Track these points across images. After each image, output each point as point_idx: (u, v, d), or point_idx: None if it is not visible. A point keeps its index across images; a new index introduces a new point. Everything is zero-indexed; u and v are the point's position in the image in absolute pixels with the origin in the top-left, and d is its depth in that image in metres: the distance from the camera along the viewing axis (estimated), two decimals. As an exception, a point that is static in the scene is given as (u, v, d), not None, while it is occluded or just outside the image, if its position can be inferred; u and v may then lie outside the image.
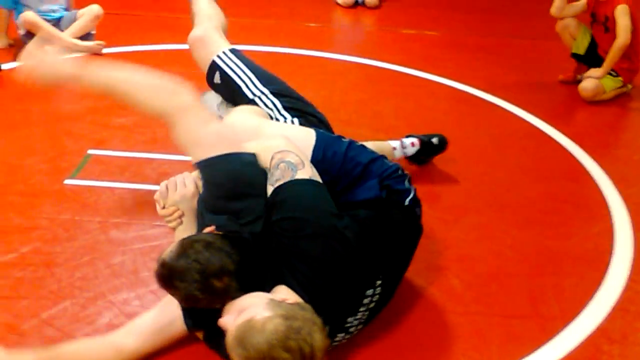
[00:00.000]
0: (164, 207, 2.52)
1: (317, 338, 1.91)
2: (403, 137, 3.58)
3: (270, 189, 2.29)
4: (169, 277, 2.10)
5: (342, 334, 2.30)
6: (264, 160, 2.38)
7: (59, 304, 2.63)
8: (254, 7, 6.24)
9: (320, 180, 2.35)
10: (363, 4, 6.80)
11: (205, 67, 3.17)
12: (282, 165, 2.30)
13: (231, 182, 2.34)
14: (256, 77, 3.02)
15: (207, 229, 2.23)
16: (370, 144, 3.31)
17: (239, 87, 3.01)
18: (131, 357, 2.29)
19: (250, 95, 2.97)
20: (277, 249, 2.21)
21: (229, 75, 3.05)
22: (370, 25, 6.55)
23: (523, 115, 4.47)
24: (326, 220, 2.23)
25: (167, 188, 2.52)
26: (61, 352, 2.25)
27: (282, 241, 2.21)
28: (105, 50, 5.22)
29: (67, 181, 3.45)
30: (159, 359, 2.36)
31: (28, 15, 5.05)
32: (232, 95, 3.06)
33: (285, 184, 2.26)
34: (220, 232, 2.19)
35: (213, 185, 2.37)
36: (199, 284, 2.05)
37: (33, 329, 2.51)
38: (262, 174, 2.37)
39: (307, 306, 2.01)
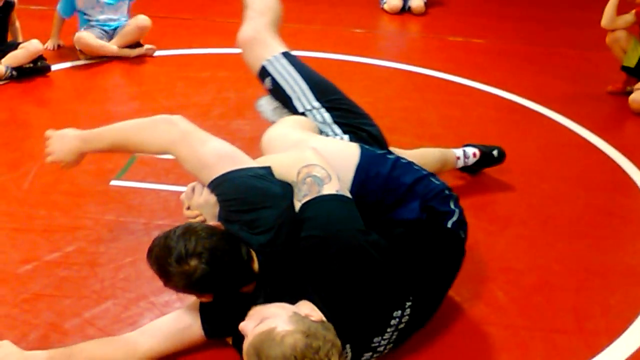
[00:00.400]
0: (188, 208, 2.54)
1: None
2: (463, 146, 3.55)
3: (297, 205, 2.28)
4: (150, 251, 2.21)
5: (370, 354, 2.27)
6: (290, 174, 2.36)
7: (102, 304, 2.65)
8: (300, 13, 6.24)
9: (348, 195, 2.32)
10: (409, 11, 6.77)
11: (255, 69, 3.04)
12: (308, 179, 2.28)
13: (241, 195, 2.35)
14: (308, 86, 2.89)
15: (213, 223, 2.28)
16: (436, 152, 3.30)
17: (290, 98, 2.90)
18: (143, 357, 2.29)
19: (301, 109, 2.86)
20: (302, 266, 2.20)
21: (279, 84, 2.93)
22: (416, 32, 6.51)
23: (571, 126, 4.39)
24: (352, 238, 2.20)
25: (193, 190, 2.52)
26: (74, 350, 2.26)
27: (307, 259, 2.19)
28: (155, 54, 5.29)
29: (113, 182, 3.48)
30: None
31: (83, 37, 5.12)
32: (284, 103, 2.97)
33: (311, 200, 2.24)
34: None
35: (225, 202, 2.39)
36: (171, 265, 2.12)
37: (75, 328, 2.53)
38: (276, 186, 2.37)
39: (330, 326, 2.00)
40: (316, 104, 2.86)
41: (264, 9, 3.11)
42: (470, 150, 3.52)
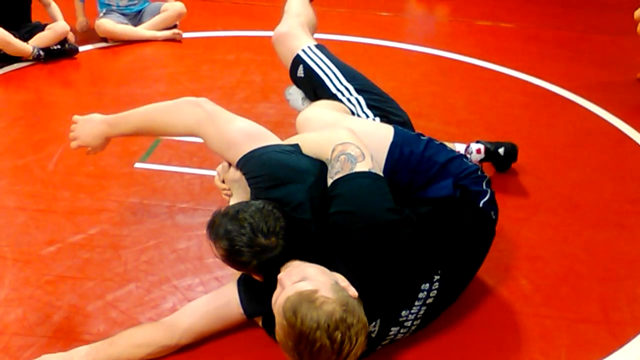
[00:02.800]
0: (223, 182, 2.58)
1: (361, 341, 1.92)
2: (472, 142, 3.49)
3: (329, 182, 2.28)
4: (219, 225, 2.16)
5: (397, 328, 2.26)
6: (325, 151, 2.37)
7: (124, 287, 2.66)
8: (327, -5, 6.21)
9: (381, 173, 2.32)
10: (437, -6, 6.70)
11: (288, 62, 3.12)
12: (342, 157, 2.28)
13: (267, 171, 2.36)
14: (341, 72, 2.97)
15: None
16: None
17: (323, 81, 2.96)
18: (183, 335, 2.30)
19: (334, 90, 2.92)
20: (331, 241, 2.20)
21: (312, 69, 3.00)
22: (443, 15, 6.44)
23: (600, 113, 4.33)
24: (381, 214, 2.19)
25: (230, 164, 2.54)
26: (114, 338, 2.28)
27: (336, 234, 2.19)
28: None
29: (137, 165, 3.48)
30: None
31: (103, 24, 5.12)
32: (315, 89, 3.02)
33: (343, 177, 2.25)
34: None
35: (252, 180, 2.39)
36: (245, 237, 2.10)
37: (98, 311, 2.54)
38: (302, 160, 2.39)
39: (361, 305, 2.00)
40: (349, 86, 2.91)
41: (299, 11, 3.30)
42: (475, 147, 3.45)
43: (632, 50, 5.33)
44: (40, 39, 4.74)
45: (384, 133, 2.56)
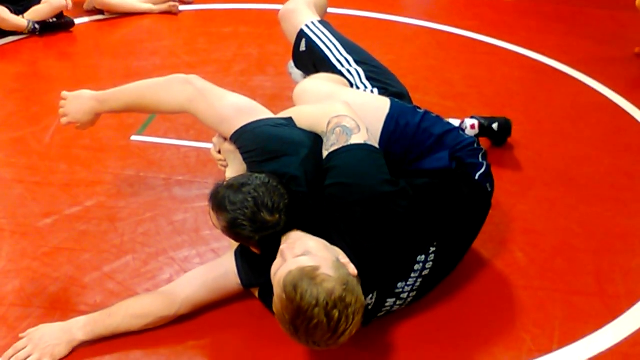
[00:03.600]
0: (219, 152, 2.59)
1: (357, 321, 1.93)
2: (467, 117, 3.48)
3: (325, 154, 2.29)
4: (223, 197, 2.15)
5: (393, 299, 2.27)
6: (320, 124, 2.37)
7: (121, 259, 2.67)
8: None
9: (377, 146, 2.33)
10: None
11: (292, 37, 3.13)
12: (337, 129, 2.28)
13: (260, 145, 2.36)
14: (342, 45, 2.97)
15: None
16: None
17: (323, 52, 2.97)
18: (181, 306, 2.31)
19: (334, 61, 2.92)
20: (326, 213, 2.21)
21: (315, 43, 3.01)
22: (442, -11, 6.41)
23: (597, 87, 4.32)
24: (377, 186, 2.19)
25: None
26: (113, 309, 2.29)
27: (332, 206, 2.20)
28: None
29: (133, 137, 3.48)
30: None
31: None
32: (315, 62, 3.01)
33: (339, 149, 2.25)
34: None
35: (247, 155, 2.40)
36: (248, 211, 2.09)
37: (95, 282, 2.55)
38: (294, 133, 2.39)
39: (359, 283, 2.00)
40: (349, 57, 2.92)
41: None
42: (469, 122, 3.45)
43: (630, 25, 5.31)
44: (36, 13, 4.71)
45: (380, 105, 2.57)
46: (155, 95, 2.64)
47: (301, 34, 3.08)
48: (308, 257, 1.98)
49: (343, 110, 2.36)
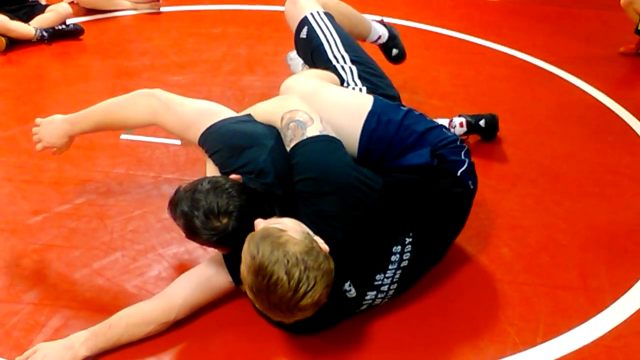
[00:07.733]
0: None
1: (317, 289, 1.93)
2: (455, 116, 3.52)
3: (288, 150, 2.32)
4: (176, 204, 2.22)
5: (374, 293, 2.29)
6: (275, 120, 2.41)
7: (110, 255, 2.68)
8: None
9: (333, 134, 2.35)
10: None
11: (295, 24, 3.15)
12: (292, 124, 2.32)
13: (225, 143, 2.41)
14: (341, 41, 3.00)
15: (233, 176, 2.29)
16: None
17: (322, 44, 2.99)
18: (180, 310, 2.31)
19: (330, 55, 2.95)
20: (298, 208, 2.24)
21: (315, 32, 3.03)
22: (429, -10, 6.44)
23: (582, 86, 4.37)
24: (342, 176, 2.23)
25: None
26: (113, 320, 2.25)
27: (301, 201, 2.23)
28: (162, 9, 5.28)
29: (123, 136, 3.50)
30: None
31: None
32: (312, 52, 3.04)
33: (297, 144, 2.28)
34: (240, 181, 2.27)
35: (215, 156, 2.43)
36: (197, 221, 2.16)
37: (84, 278, 2.56)
38: (258, 127, 2.44)
39: (331, 261, 2.01)
40: (346, 55, 2.94)
41: None
42: (458, 120, 3.49)
43: (615, 24, 5.37)
44: (43, 21, 4.69)
45: (362, 102, 2.60)
46: (121, 112, 2.66)
47: (304, 21, 3.09)
48: (278, 224, 2.02)
49: (295, 105, 2.38)
